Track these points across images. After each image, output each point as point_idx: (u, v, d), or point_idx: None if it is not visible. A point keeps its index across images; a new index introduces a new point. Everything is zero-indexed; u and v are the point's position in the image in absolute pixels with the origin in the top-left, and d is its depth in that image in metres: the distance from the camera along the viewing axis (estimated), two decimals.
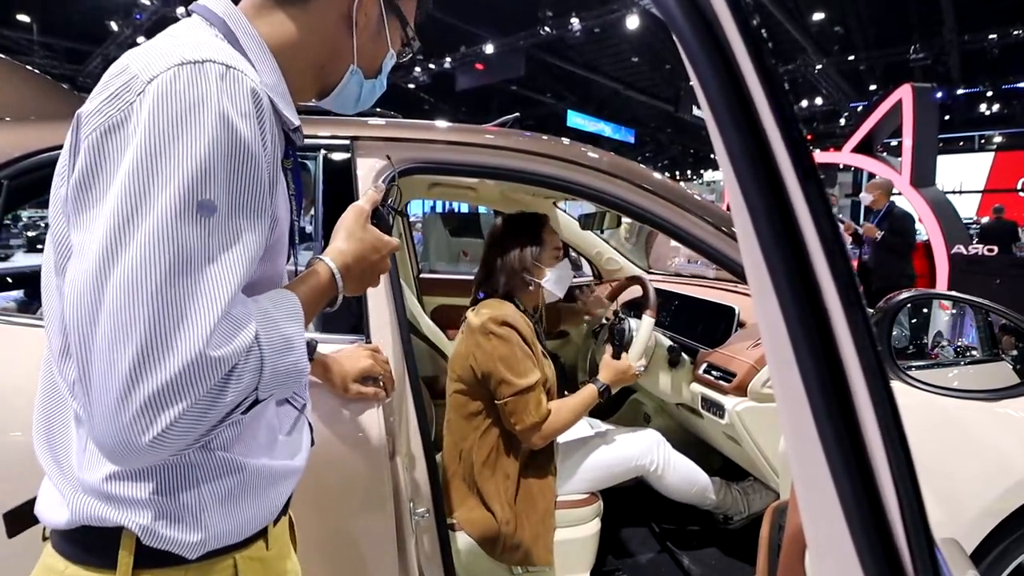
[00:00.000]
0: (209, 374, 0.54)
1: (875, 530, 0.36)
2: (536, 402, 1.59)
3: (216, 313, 0.55)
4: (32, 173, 1.27)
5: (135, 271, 0.53)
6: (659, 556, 1.94)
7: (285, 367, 0.62)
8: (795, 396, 0.39)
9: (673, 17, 0.38)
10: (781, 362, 0.39)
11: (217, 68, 0.59)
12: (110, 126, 0.57)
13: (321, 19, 0.74)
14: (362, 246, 0.78)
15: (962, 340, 1.53)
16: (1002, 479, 1.42)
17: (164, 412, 0.53)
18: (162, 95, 0.57)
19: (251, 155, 0.60)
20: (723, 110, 0.35)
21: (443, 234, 5.88)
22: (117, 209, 0.55)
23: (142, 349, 0.52)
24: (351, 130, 1.40)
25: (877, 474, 0.38)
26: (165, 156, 0.56)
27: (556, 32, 13.69)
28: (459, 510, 1.63)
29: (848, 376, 0.38)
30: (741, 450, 1.76)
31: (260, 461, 0.71)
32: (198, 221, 0.56)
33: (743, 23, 0.36)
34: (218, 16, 0.69)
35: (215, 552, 0.67)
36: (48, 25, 14.60)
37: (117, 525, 0.63)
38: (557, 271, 1.79)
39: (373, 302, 1.29)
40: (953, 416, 1.42)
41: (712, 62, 0.36)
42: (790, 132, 0.37)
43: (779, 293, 0.38)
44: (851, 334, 0.37)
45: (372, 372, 1.16)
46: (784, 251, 0.37)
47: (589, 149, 1.57)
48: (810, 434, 0.39)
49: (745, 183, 0.38)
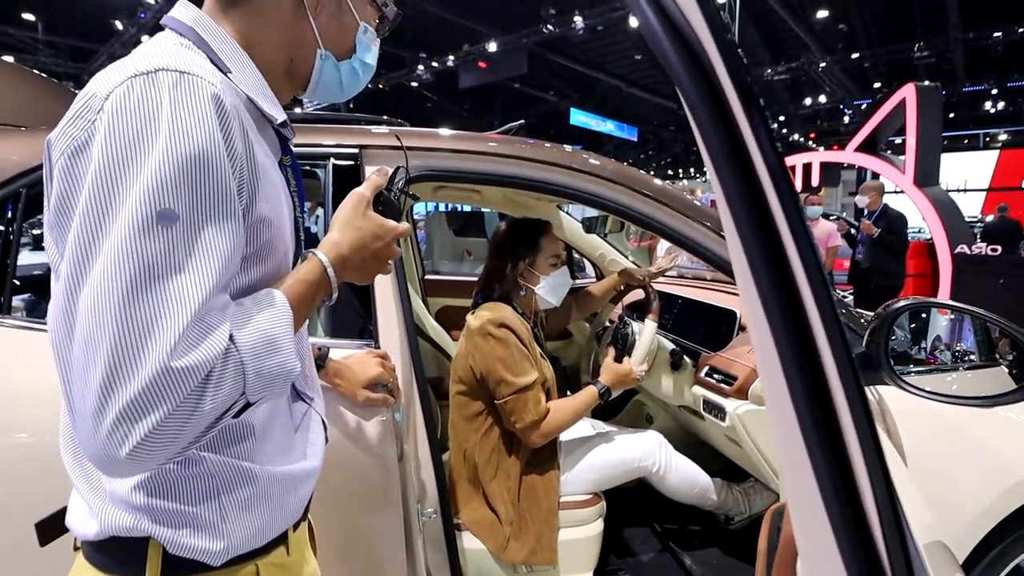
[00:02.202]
0: (179, 384, 0.54)
1: (858, 537, 0.39)
2: (535, 401, 1.63)
3: (182, 323, 0.55)
4: None
5: (100, 287, 0.54)
6: (661, 556, 1.97)
7: (271, 369, 0.61)
8: (783, 406, 0.42)
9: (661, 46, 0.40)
10: (770, 372, 0.42)
11: (170, 76, 0.59)
12: (75, 148, 0.58)
13: (275, 12, 0.73)
14: (360, 234, 0.75)
15: (960, 345, 1.55)
16: (998, 482, 1.44)
17: (137, 424, 0.53)
18: (116, 110, 0.57)
19: (211, 160, 0.59)
20: (717, 151, 0.38)
21: (447, 233, 5.92)
22: (81, 228, 0.56)
23: (110, 364, 0.53)
24: (359, 139, 1.43)
25: (858, 482, 0.41)
26: (122, 171, 0.56)
27: (559, 30, 13.70)
28: (464, 510, 1.66)
29: (830, 386, 0.41)
30: (742, 452, 1.79)
31: (278, 468, 0.73)
32: (159, 232, 0.55)
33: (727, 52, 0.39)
34: (185, 24, 0.69)
35: (238, 559, 0.69)
36: (53, 24, 14.64)
37: (144, 535, 0.65)
38: (552, 279, 1.80)
39: (381, 306, 1.32)
40: (949, 420, 1.44)
41: (705, 105, 0.39)
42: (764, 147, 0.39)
43: (764, 303, 0.41)
44: (829, 346, 0.39)
45: (382, 379, 1.19)
46: (768, 265, 0.40)
47: (591, 156, 1.60)
48: (797, 443, 0.42)
49: (733, 204, 0.41)
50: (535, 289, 1.79)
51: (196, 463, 0.67)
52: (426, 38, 14.48)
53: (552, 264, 1.81)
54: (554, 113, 20.87)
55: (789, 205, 0.37)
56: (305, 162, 1.42)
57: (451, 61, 15.86)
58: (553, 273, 1.81)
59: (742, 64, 0.37)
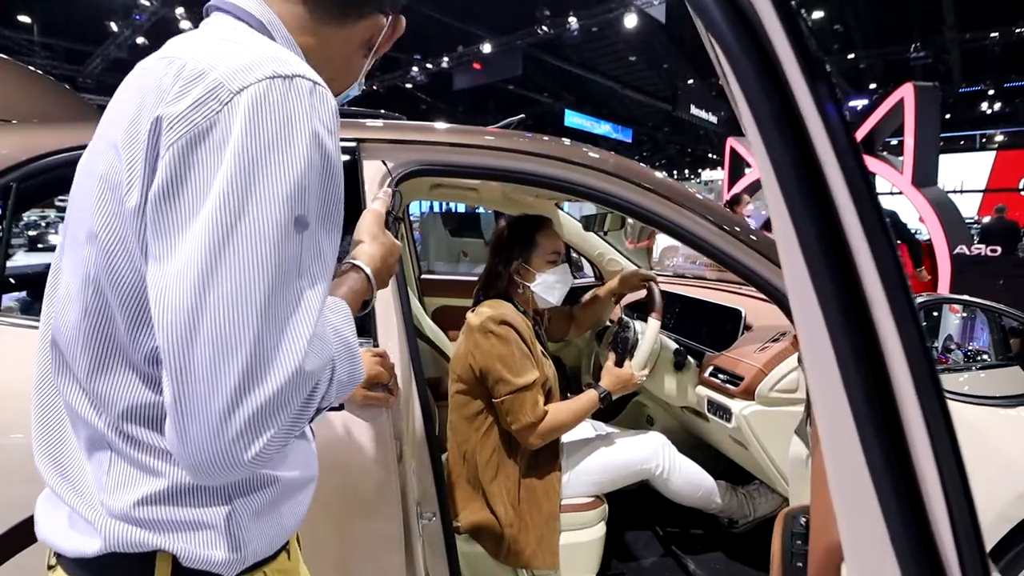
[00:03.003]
0: (303, 387, 0.55)
1: (923, 553, 0.35)
2: (532, 402, 1.59)
3: (310, 327, 0.56)
4: (40, 176, 1.26)
5: (239, 288, 0.53)
6: (663, 560, 1.93)
7: (348, 375, 0.63)
8: (839, 409, 0.38)
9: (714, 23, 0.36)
10: (822, 373, 0.38)
11: (306, 84, 0.59)
12: (196, 135, 0.55)
13: (346, 44, 0.75)
14: (384, 249, 0.80)
15: (972, 344, 1.52)
16: (1015, 485, 1.41)
17: (267, 428, 0.53)
18: (255, 109, 0.56)
19: (336, 171, 0.61)
20: (766, 118, 0.34)
21: (443, 234, 5.89)
22: (215, 224, 0.53)
23: (246, 366, 0.52)
24: (357, 133, 1.39)
25: (926, 494, 0.37)
26: (263, 171, 0.55)
27: (553, 31, 13.69)
28: (464, 512, 1.62)
29: (894, 384, 0.37)
30: (747, 454, 1.75)
31: (291, 472, 0.70)
32: (294, 236, 0.56)
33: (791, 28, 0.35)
34: (256, 18, 0.67)
35: (250, 568, 0.66)
36: (48, 26, 14.61)
37: (154, 549, 0.61)
38: (548, 276, 1.76)
39: (380, 305, 1.28)
40: (965, 422, 1.41)
41: (756, 72, 0.34)
42: (833, 129, 0.35)
43: (821, 299, 0.37)
44: (901, 343, 0.35)
45: (380, 379, 1.16)
46: (826, 248, 0.36)
47: (591, 149, 1.56)
48: (854, 448, 0.38)
49: (787, 185, 0.36)
50: (531, 287, 1.75)
51: None
52: (420, 39, 14.46)
53: (550, 261, 1.77)
54: (549, 115, 20.87)
55: (855, 175, 0.32)
56: None
57: (445, 62, 15.85)
58: (550, 270, 1.76)
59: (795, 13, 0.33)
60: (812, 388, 0.40)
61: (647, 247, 5.56)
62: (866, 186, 0.33)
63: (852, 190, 0.33)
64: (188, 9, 12.88)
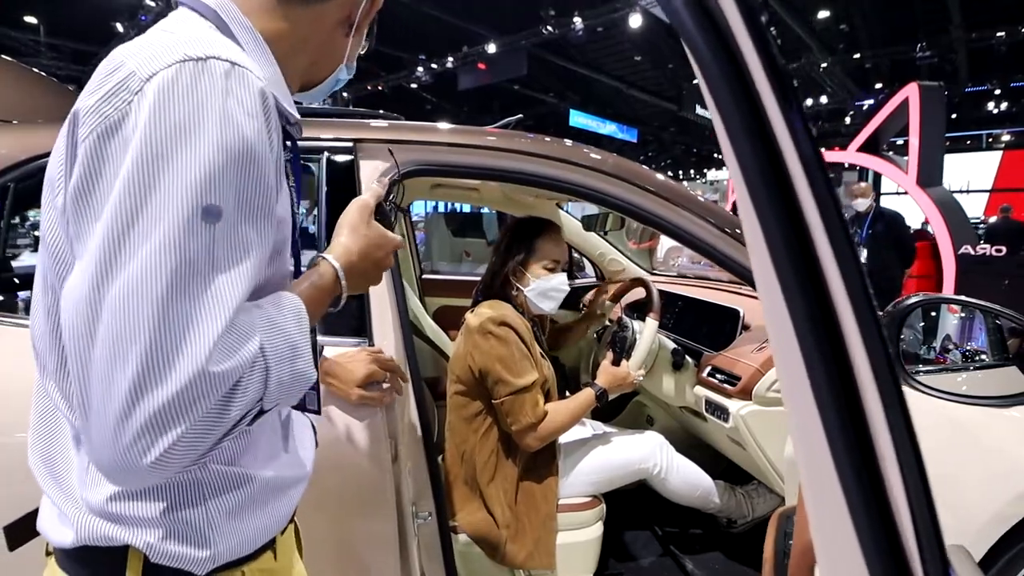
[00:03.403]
0: (212, 390, 0.52)
1: (887, 549, 0.35)
2: (532, 403, 1.59)
3: (220, 326, 0.52)
4: (40, 176, 1.27)
5: (136, 283, 0.50)
6: (662, 560, 1.93)
7: (291, 375, 0.59)
8: (805, 407, 0.38)
9: (684, 25, 0.37)
10: (790, 371, 0.38)
11: (222, 65, 0.56)
12: (107, 127, 0.53)
13: (319, 22, 0.72)
14: (367, 242, 0.75)
15: (971, 344, 1.51)
16: (1011, 485, 1.40)
17: (166, 432, 0.50)
18: (163, 94, 0.53)
19: (257, 157, 0.57)
20: (734, 119, 0.34)
21: (445, 234, 5.90)
22: (116, 217, 0.51)
23: (142, 367, 0.50)
24: (354, 132, 1.39)
25: (889, 488, 0.37)
26: (168, 160, 0.52)
27: (558, 31, 13.67)
28: (461, 513, 1.62)
29: (859, 383, 0.37)
30: (745, 454, 1.75)
31: (267, 472, 0.70)
32: (203, 229, 0.53)
33: (755, 30, 0.35)
34: (209, 7, 0.65)
35: (224, 566, 0.66)
36: (54, 26, 14.67)
37: (124, 544, 0.61)
38: (542, 283, 1.73)
39: (376, 304, 1.28)
40: (962, 422, 1.40)
41: (723, 71, 0.35)
42: (798, 136, 0.35)
43: (788, 298, 0.37)
44: (862, 338, 0.35)
45: (376, 377, 1.16)
46: (792, 252, 0.36)
47: (592, 150, 1.56)
48: (821, 447, 0.38)
49: (754, 186, 0.37)
50: (524, 291, 1.74)
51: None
52: (425, 39, 14.48)
53: (548, 268, 1.74)
54: (554, 115, 20.85)
55: (819, 183, 0.33)
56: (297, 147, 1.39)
57: (450, 63, 15.84)
58: (544, 277, 1.74)
59: (767, 32, 0.33)
60: (783, 387, 0.40)
61: (649, 248, 5.56)
62: (829, 194, 0.33)
63: (817, 198, 0.33)
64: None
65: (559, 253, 1.77)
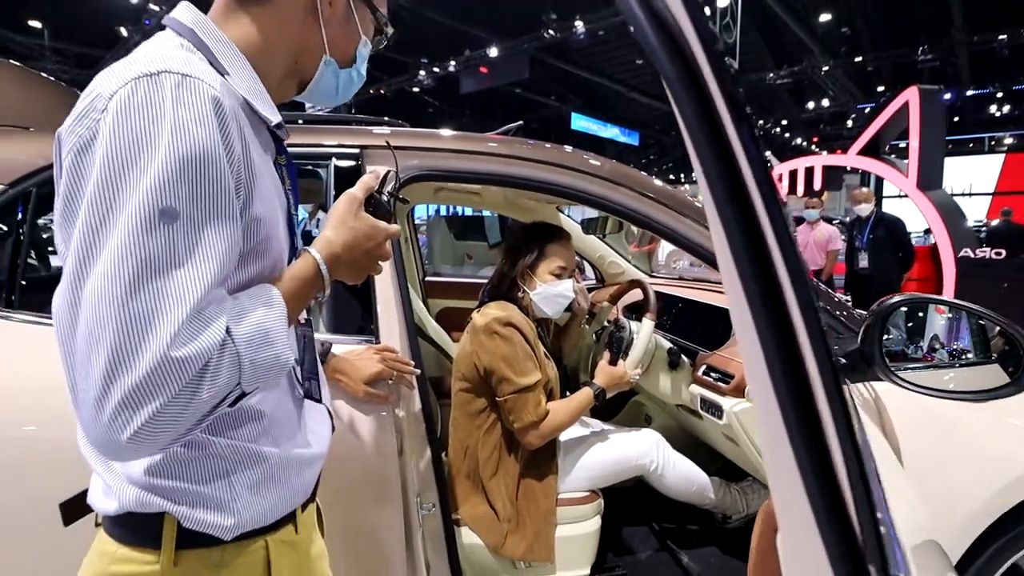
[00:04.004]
0: (178, 373, 0.57)
1: (832, 507, 0.40)
2: (535, 402, 1.64)
3: (181, 315, 0.57)
4: None
5: (103, 281, 0.57)
6: (659, 554, 1.98)
7: (265, 360, 0.64)
8: (766, 395, 0.43)
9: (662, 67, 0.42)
10: (753, 361, 0.44)
11: (172, 78, 0.61)
12: (81, 145, 0.60)
13: (286, 14, 0.76)
14: (352, 234, 0.78)
15: (957, 343, 1.56)
16: (993, 480, 1.45)
17: (138, 411, 0.56)
18: (121, 110, 0.60)
19: (211, 161, 0.62)
20: (704, 146, 0.40)
21: (447, 237, 5.95)
22: (87, 222, 0.58)
23: (112, 354, 0.56)
24: (360, 139, 1.45)
25: (834, 461, 0.42)
26: (127, 168, 0.58)
27: (560, 35, 13.73)
28: (464, 506, 1.68)
29: (808, 374, 0.42)
30: (739, 450, 1.80)
31: (284, 450, 0.76)
32: (160, 229, 0.58)
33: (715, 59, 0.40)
34: (186, 26, 0.72)
35: (248, 535, 0.73)
36: (58, 30, 14.72)
37: (160, 511, 0.69)
38: (548, 287, 1.77)
39: (382, 304, 1.34)
40: (944, 417, 1.45)
41: (691, 99, 0.40)
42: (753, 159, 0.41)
43: (750, 302, 0.43)
44: (808, 337, 0.41)
45: (383, 376, 1.22)
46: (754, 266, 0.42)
47: (591, 156, 1.62)
48: (778, 427, 0.43)
49: (722, 208, 0.42)
50: (531, 294, 1.78)
51: (204, 446, 0.70)
52: (427, 43, 14.54)
53: (555, 275, 1.78)
54: (555, 118, 20.88)
55: (773, 208, 0.38)
56: (307, 162, 1.45)
57: (452, 66, 15.90)
58: (551, 282, 1.78)
59: (728, 69, 0.39)
60: (748, 374, 0.45)
61: (649, 251, 5.61)
62: (774, 196, 0.39)
63: (766, 202, 0.39)
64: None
65: (567, 260, 1.81)
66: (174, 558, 0.69)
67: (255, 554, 0.74)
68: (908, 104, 7.78)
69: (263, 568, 0.74)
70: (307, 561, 0.82)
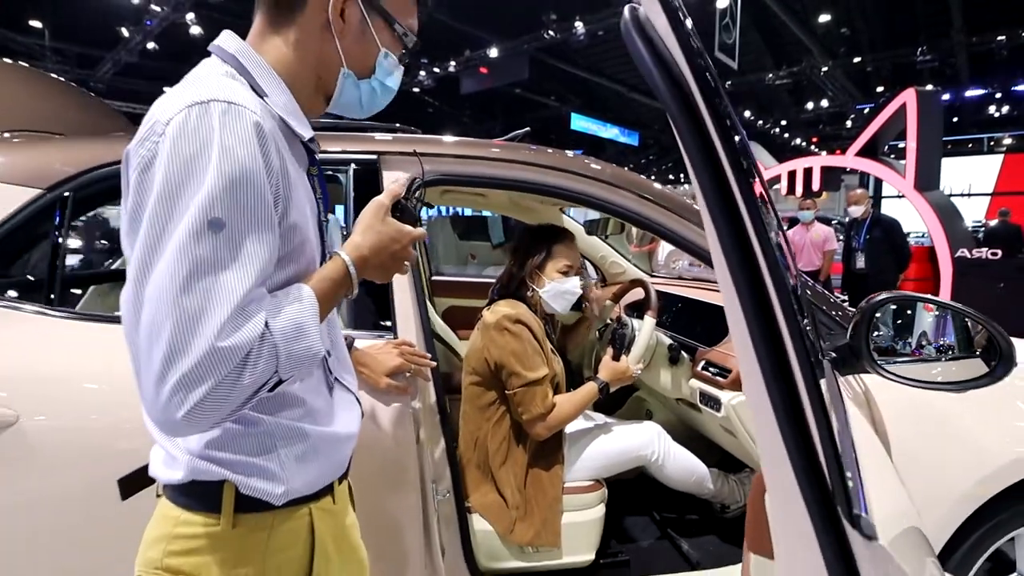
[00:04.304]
0: (224, 360, 0.65)
1: (808, 465, 0.48)
2: (543, 395, 1.72)
3: (226, 311, 0.66)
4: (92, 187, 1.40)
5: (161, 282, 0.66)
6: (659, 542, 2.06)
7: (299, 351, 0.72)
8: (755, 379, 0.52)
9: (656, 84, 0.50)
10: (746, 357, 0.52)
11: (219, 106, 0.70)
12: (143, 165, 0.70)
13: (307, 35, 0.83)
14: (379, 238, 0.85)
15: (943, 340, 1.64)
16: (976, 469, 1.53)
17: (191, 393, 0.64)
18: (176, 135, 0.69)
19: (252, 178, 0.70)
20: (699, 164, 0.48)
21: (451, 237, 6.03)
22: (148, 232, 0.68)
23: (168, 345, 0.64)
24: (378, 146, 1.53)
25: (811, 430, 0.50)
26: (180, 187, 0.67)
27: (560, 35, 13.80)
28: (474, 495, 1.76)
29: (790, 360, 0.51)
30: (736, 442, 1.88)
31: (322, 429, 0.85)
32: (209, 237, 0.67)
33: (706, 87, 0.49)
34: (230, 53, 0.81)
35: (295, 501, 0.82)
36: (59, 30, 14.71)
37: (221, 479, 0.78)
38: (556, 285, 1.85)
39: (399, 302, 1.43)
40: (930, 409, 1.54)
41: (689, 126, 0.49)
42: (742, 170, 0.49)
43: (742, 302, 0.51)
44: (787, 328, 0.49)
45: (402, 369, 1.30)
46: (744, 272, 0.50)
47: (592, 161, 1.70)
48: (765, 404, 0.52)
49: (716, 220, 0.51)
50: (540, 292, 1.87)
51: (256, 423, 0.80)
52: (427, 44, 14.61)
53: (562, 272, 1.87)
54: (555, 118, 20.94)
55: (755, 214, 0.47)
56: (328, 167, 1.53)
57: (452, 67, 15.98)
58: (558, 280, 1.86)
59: (715, 87, 0.47)
60: (739, 360, 0.54)
61: (649, 251, 5.69)
62: (758, 204, 0.47)
63: (749, 209, 0.47)
64: (198, 14, 13.02)
65: (573, 259, 1.90)
66: (233, 521, 0.79)
67: (301, 519, 0.83)
68: (905, 106, 7.87)
69: (307, 532, 0.84)
70: (343, 529, 0.92)
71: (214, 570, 0.78)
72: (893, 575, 0.57)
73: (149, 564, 0.81)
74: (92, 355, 1.29)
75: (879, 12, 14.92)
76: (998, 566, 1.67)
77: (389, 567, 1.35)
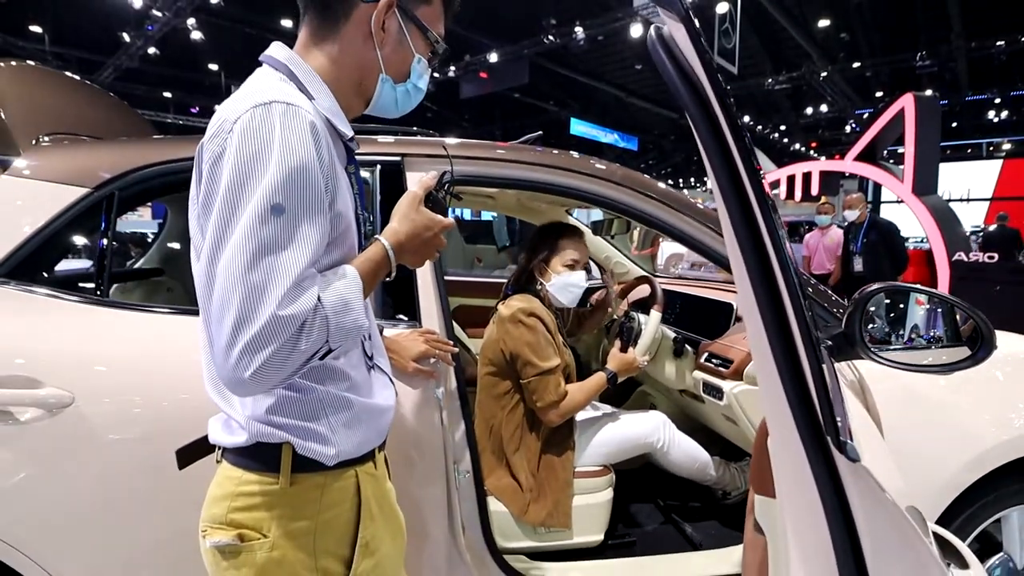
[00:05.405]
0: (285, 327, 0.74)
1: (807, 413, 0.58)
2: (555, 383, 1.82)
3: (286, 284, 0.75)
4: (135, 187, 1.50)
5: (229, 260, 0.75)
6: (664, 526, 2.16)
7: (347, 323, 0.81)
8: (764, 351, 0.62)
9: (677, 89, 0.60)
10: (756, 335, 0.62)
11: (279, 107, 0.80)
12: (214, 159, 0.80)
13: (350, 44, 0.93)
14: (414, 226, 0.95)
15: (934, 330, 1.73)
16: (962, 453, 1.63)
17: (256, 355, 0.73)
18: (243, 132, 0.79)
19: (308, 169, 0.80)
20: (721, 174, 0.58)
21: (458, 240, 6.13)
22: (219, 216, 0.78)
23: (237, 314, 0.74)
24: (402, 148, 1.63)
25: (809, 386, 0.60)
26: (246, 177, 0.77)
27: (560, 40, 13.89)
28: (490, 479, 1.85)
29: (794, 338, 0.60)
30: (738, 430, 1.98)
31: (365, 399, 0.96)
32: (271, 221, 0.76)
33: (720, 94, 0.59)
34: (281, 62, 0.92)
35: (344, 464, 0.92)
36: (60, 35, 14.66)
37: (281, 441, 0.88)
38: (562, 278, 1.95)
39: (423, 293, 1.53)
40: (920, 395, 1.64)
41: (713, 135, 0.59)
42: (754, 175, 0.59)
43: (755, 293, 0.61)
44: (794, 314, 0.59)
45: (428, 355, 1.40)
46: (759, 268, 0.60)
47: (598, 161, 1.80)
48: (772, 374, 0.61)
49: (732, 213, 0.61)
50: (547, 285, 1.97)
51: (309, 391, 0.90)
52: None
53: (568, 266, 1.97)
54: (555, 123, 21.03)
55: (768, 217, 0.56)
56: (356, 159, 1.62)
57: (452, 71, 16.06)
58: (564, 274, 1.96)
59: (731, 102, 0.57)
60: (751, 343, 0.63)
61: (651, 254, 5.80)
62: (768, 204, 0.57)
63: (761, 208, 0.57)
64: (199, 19, 13.07)
65: (579, 255, 2.00)
66: (290, 480, 0.88)
67: (348, 480, 0.93)
68: (904, 111, 7.97)
69: (354, 491, 0.94)
70: (385, 492, 1.02)
71: (273, 524, 0.88)
72: (875, 491, 0.66)
73: (214, 520, 0.90)
74: (138, 342, 1.38)
75: (879, 17, 15.02)
76: (985, 547, 1.76)
77: (415, 540, 1.45)
